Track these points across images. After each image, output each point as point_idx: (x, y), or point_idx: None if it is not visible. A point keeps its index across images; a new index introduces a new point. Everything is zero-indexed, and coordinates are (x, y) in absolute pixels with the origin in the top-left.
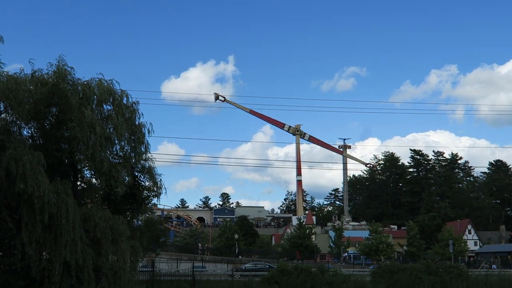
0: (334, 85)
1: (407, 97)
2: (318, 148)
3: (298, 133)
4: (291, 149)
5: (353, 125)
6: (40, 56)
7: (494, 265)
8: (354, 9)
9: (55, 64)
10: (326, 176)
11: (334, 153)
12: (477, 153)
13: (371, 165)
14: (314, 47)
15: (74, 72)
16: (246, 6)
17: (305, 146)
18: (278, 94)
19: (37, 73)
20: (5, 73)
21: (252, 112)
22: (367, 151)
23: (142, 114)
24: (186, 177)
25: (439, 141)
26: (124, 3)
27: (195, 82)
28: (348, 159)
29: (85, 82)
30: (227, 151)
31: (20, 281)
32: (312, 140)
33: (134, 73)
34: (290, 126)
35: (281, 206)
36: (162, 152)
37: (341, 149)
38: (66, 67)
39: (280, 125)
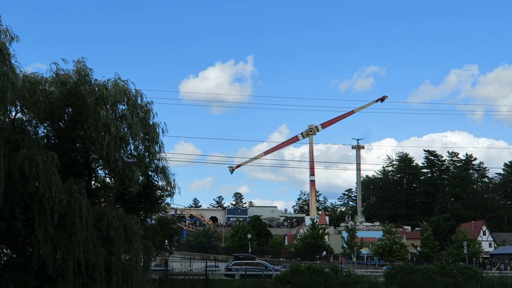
0: (352, 84)
1: (426, 97)
2: (334, 148)
3: (311, 133)
4: (307, 149)
5: (370, 126)
6: (59, 56)
7: None
8: (375, 8)
9: (75, 65)
10: (342, 176)
11: (350, 153)
12: (495, 154)
13: None
14: (333, 47)
15: (92, 73)
16: (265, 6)
17: (321, 146)
18: (297, 94)
19: (60, 72)
20: (22, 72)
21: (351, 112)
22: (383, 152)
23: (157, 114)
24: (201, 177)
25: (457, 142)
26: (144, 2)
27: (213, 81)
28: (361, 159)
29: (102, 83)
30: (242, 150)
31: (34, 280)
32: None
33: (153, 73)
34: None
35: (294, 206)
36: (179, 152)
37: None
38: (86, 69)
39: (326, 124)
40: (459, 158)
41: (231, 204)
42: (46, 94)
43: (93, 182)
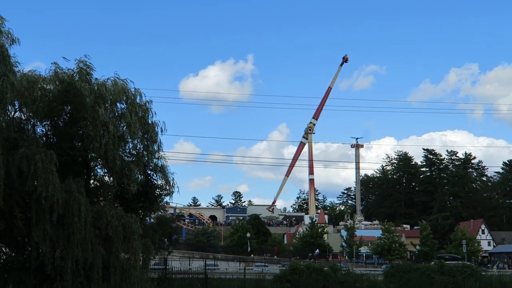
0: (352, 83)
1: (425, 96)
2: (333, 147)
3: (310, 131)
4: (306, 148)
5: (370, 124)
6: (59, 55)
7: None
8: (375, 8)
9: (77, 64)
10: (341, 175)
11: (349, 152)
12: (495, 153)
13: None
14: (334, 46)
15: (93, 71)
16: (265, 6)
17: (321, 145)
18: (296, 93)
19: (58, 71)
20: (20, 71)
21: (329, 89)
22: (383, 150)
23: (155, 113)
24: (200, 175)
25: (457, 141)
26: (144, 2)
27: (213, 80)
28: (361, 158)
29: (101, 82)
30: (242, 149)
31: (32, 278)
32: (301, 146)
33: (153, 72)
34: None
35: (293, 205)
36: (178, 151)
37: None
38: (87, 67)
39: (316, 115)
40: (458, 157)
41: (230, 203)
42: (45, 92)
43: (92, 181)
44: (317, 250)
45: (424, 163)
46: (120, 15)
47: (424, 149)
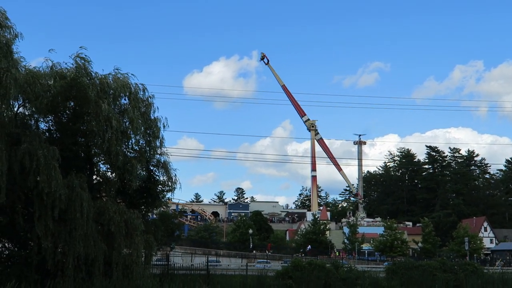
0: (356, 80)
1: (430, 93)
2: (337, 143)
3: (313, 128)
4: (309, 144)
5: (373, 121)
6: (62, 50)
7: None
8: (379, 4)
9: (74, 58)
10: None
11: (353, 149)
12: (498, 150)
13: None
14: (338, 42)
15: (91, 65)
16: (270, 2)
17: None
18: (301, 89)
19: (56, 66)
20: (24, 67)
21: (284, 88)
22: (386, 147)
23: (158, 108)
24: (203, 172)
25: (460, 138)
26: None
27: (218, 76)
28: (364, 155)
29: (102, 76)
30: (245, 146)
31: (34, 273)
32: (321, 143)
33: (157, 68)
34: (308, 119)
35: (296, 201)
36: (182, 147)
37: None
38: (85, 61)
39: (301, 113)
40: (461, 154)
41: (232, 199)
42: (48, 87)
43: (94, 177)
44: (309, 246)
45: (427, 160)
46: (124, 11)
47: (426, 146)
